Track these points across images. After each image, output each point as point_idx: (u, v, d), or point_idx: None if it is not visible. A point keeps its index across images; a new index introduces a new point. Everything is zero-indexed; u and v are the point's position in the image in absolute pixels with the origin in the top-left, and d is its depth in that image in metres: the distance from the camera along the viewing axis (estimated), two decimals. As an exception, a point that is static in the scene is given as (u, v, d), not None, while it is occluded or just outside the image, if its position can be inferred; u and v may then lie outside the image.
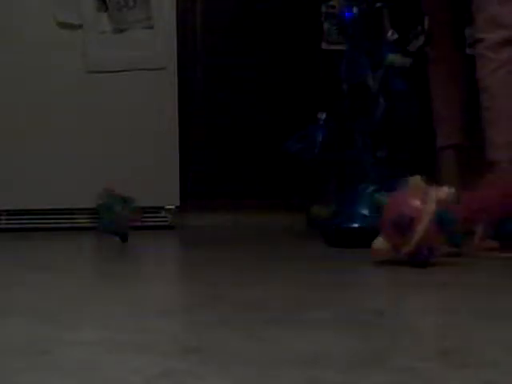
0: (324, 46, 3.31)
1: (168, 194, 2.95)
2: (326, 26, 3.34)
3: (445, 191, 1.66)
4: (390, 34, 2.24)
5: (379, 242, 1.64)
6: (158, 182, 2.91)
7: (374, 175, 2.18)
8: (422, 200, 1.63)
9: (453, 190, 1.67)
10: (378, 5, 2.29)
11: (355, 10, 2.26)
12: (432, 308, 1.26)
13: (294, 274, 1.63)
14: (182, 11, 3.10)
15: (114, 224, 2.29)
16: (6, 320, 1.15)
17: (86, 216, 2.90)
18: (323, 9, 3.34)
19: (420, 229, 1.60)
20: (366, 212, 2.07)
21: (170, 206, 2.97)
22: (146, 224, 2.90)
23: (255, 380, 0.81)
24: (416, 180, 1.67)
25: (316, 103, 3.23)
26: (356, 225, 2.09)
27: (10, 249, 2.35)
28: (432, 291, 1.42)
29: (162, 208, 2.95)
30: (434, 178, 1.87)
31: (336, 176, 2.42)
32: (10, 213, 2.91)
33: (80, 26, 2.92)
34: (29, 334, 1.04)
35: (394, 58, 2.20)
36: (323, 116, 2.41)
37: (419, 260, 1.62)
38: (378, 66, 2.24)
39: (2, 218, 2.91)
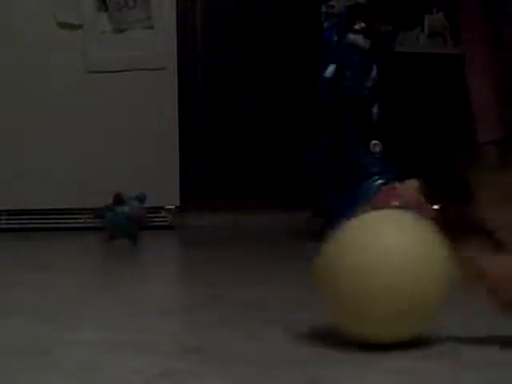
0: (324, 46, 3.32)
1: (168, 194, 2.95)
2: (325, 25, 3.34)
3: (414, 185, 1.67)
4: (357, 25, 2.30)
5: None
6: (158, 182, 2.91)
7: (375, 171, 2.18)
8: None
9: (416, 181, 1.68)
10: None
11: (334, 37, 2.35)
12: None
13: (293, 274, 1.62)
14: (182, 11, 3.10)
15: (130, 224, 2.29)
16: (5, 320, 1.15)
17: (85, 216, 2.90)
18: (323, 9, 3.33)
19: None
20: None
21: (170, 206, 2.96)
22: (145, 224, 2.90)
23: (255, 380, 0.81)
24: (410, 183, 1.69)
25: (316, 103, 3.24)
26: None
27: (10, 249, 2.35)
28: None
29: (162, 208, 2.95)
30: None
31: (334, 178, 2.41)
32: (9, 213, 2.91)
33: (80, 26, 2.92)
34: (29, 334, 1.05)
35: (354, 37, 2.27)
36: (325, 138, 2.44)
37: None
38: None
39: (2, 218, 2.91)
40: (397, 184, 1.72)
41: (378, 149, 2.25)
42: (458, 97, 3.39)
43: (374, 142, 2.26)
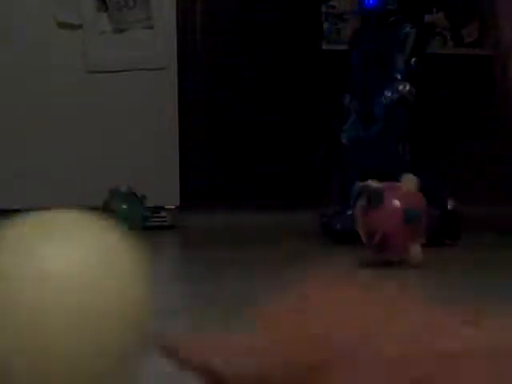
0: (324, 46, 3.32)
1: (168, 194, 2.95)
2: (325, 25, 3.34)
3: (413, 181, 1.66)
4: (413, 60, 2.21)
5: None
6: (158, 182, 2.91)
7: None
8: None
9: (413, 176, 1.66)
10: (407, 30, 2.24)
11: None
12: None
13: (294, 274, 1.62)
14: (182, 11, 3.10)
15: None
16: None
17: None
18: (323, 9, 3.34)
19: None
20: None
21: (170, 206, 2.96)
22: (145, 224, 2.90)
23: (255, 380, 0.81)
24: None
25: (315, 103, 3.24)
26: None
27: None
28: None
29: (162, 208, 2.95)
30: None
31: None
32: (9, 213, 2.91)
33: (80, 26, 2.92)
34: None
35: (405, 89, 2.18)
36: (348, 99, 2.35)
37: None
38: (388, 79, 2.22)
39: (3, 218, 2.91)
40: (398, 183, 1.70)
41: (403, 150, 2.22)
42: (457, 96, 3.39)
43: (401, 143, 2.22)
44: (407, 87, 2.18)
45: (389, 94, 2.19)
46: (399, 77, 2.21)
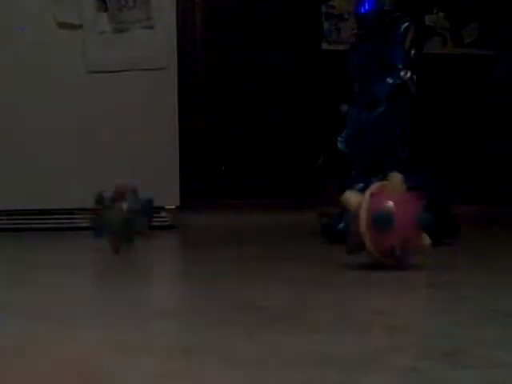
0: (324, 45, 3.32)
1: (168, 194, 2.95)
2: (325, 25, 3.34)
3: (399, 179, 1.63)
4: (412, 52, 2.21)
5: None
6: (158, 182, 2.91)
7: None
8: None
9: (398, 174, 1.63)
10: (406, 24, 2.25)
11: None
12: (432, 307, 1.26)
13: (294, 274, 1.62)
14: (182, 11, 3.10)
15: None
16: (6, 320, 1.15)
17: (86, 216, 2.90)
18: (323, 9, 3.34)
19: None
20: None
21: (170, 206, 2.96)
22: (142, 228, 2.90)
23: (255, 380, 0.81)
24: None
25: (315, 103, 3.24)
26: None
27: (10, 249, 2.35)
28: (432, 291, 1.42)
29: (162, 208, 2.95)
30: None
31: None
32: (9, 213, 2.91)
33: (80, 26, 2.92)
34: (29, 334, 1.04)
35: (406, 76, 2.18)
36: (345, 108, 2.34)
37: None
38: (387, 70, 2.22)
39: (2, 218, 2.91)
40: (384, 183, 1.68)
41: (404, 153, 2.21)
42: (457, 96, 3.40)
43: (400, 144, 2.21)
44: (408, 74, 2.19)
45: (390, 82, 2.21)
46: (401, 66, 2.22)
